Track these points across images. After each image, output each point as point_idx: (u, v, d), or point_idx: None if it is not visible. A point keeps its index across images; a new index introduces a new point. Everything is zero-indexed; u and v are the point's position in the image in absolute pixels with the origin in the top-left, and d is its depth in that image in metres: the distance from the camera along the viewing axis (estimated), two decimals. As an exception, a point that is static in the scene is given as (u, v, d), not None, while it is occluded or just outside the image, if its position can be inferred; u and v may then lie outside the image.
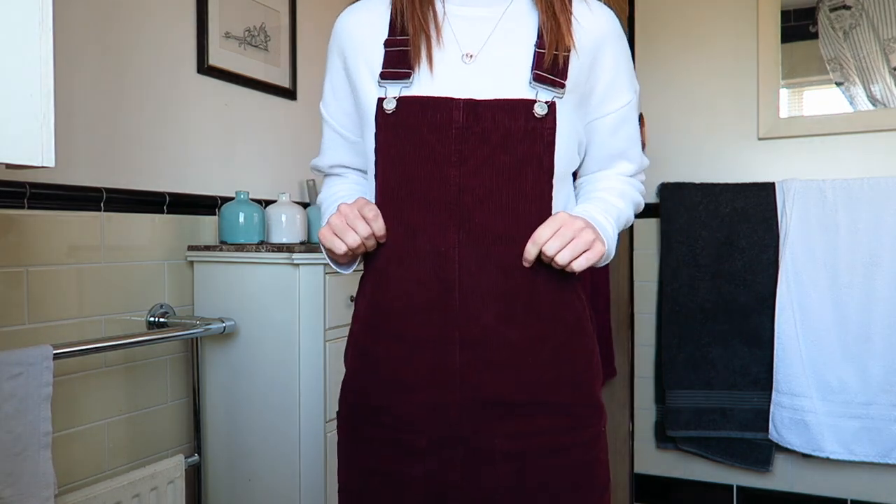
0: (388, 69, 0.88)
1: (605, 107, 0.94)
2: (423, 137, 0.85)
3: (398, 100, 0.86)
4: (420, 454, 0.88)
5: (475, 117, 0.84)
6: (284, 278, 1.56)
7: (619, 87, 0.94)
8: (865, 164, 2.13)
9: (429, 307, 0.86)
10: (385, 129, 0.87)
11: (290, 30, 2.06)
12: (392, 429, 0.90)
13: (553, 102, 0.85)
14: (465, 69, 0.87)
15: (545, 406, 0.88)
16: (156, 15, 1.65)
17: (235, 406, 1.64)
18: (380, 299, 0.90)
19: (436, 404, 0.87)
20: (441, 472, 0.88)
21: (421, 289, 0.86)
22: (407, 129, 0.86)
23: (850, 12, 2.14)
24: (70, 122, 1.45)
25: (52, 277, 1.41)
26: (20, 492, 1.15)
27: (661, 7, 2.35)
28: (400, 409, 0.89)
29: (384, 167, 0.88)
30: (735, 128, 2.28)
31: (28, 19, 0.63)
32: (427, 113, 0.85)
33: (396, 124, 0.86)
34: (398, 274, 0.88)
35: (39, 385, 1.19)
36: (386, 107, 0.87)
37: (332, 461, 1.58)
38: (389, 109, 0.86)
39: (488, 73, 0.87)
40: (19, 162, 0.63)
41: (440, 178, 0.85)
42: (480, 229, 0.84)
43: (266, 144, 2.00)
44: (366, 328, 0.93)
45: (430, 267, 0.86)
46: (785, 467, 2.22)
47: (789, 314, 2.09)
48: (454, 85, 0.86)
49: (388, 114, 0.86)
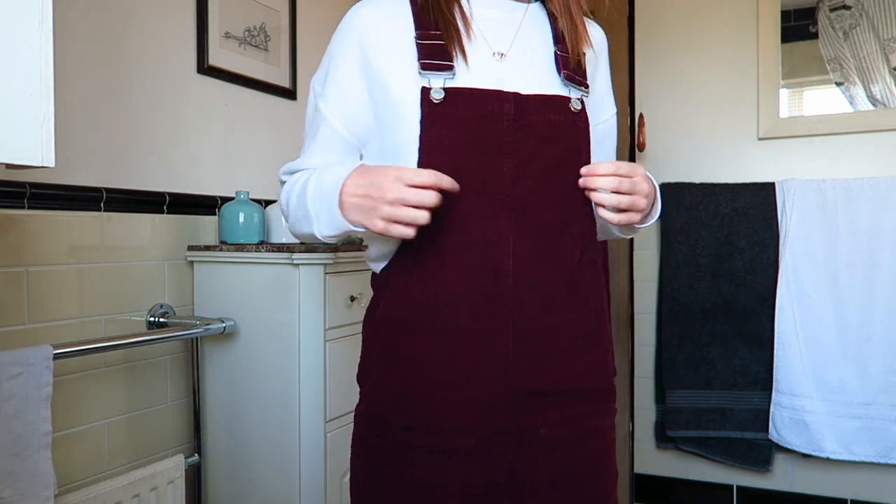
0: (429, 60, 0.86)
1: (598, 116, 0.98)
2: (474, 128, 0.85)
3: (445, 90, 0.85)
4: (467, 455, 0.86)
5: (523, 110, 0.86)
6: (284, 278, 1.56)
7: (609, 99, 1.02)
8: (865, 164, 2.13)
9: (481, 299, 0.85)
10: (432, 119, 0.85)
11: (290, 30, 2.06)
12: (436, 433, 0.86)
13: (582, 100, 0.90)
14: (498, 66, 0.89)
15: (578, 393, 0.91)
16: (156, 15, 1.65)
17: (235, 406, 1.64)
18: (419, 294, 0.86)
19: (485, 400, 0.86)
20: (491, 471, 0.87)
21: (470, 280, 0.85)
22: (457, 119, 0.85)
23: (850, 12, 2.14)
24: (70, 122, 1.45)
25: (52, 277, 1.41)
26: (20, 492, 1.15)
27: (660, 7, 2.35)
28: (445, 411, 0.86)
29: (430, 157, 0.84)
30: (735, 128, 2.28)
31: (28, 19, 0.63)
32: (477, 104, 0.85)
33: (445, 114, 0.85)
34: (444, 265, 0.85)
35: (39, 385, 1.19)
36: (434, 97, 0.84)
37: (332, 461, 1.58)
38: (437, 99, 0.84)
39: (522, 71, 0.90)
40: (19, 162, 0.63)
41: (493, 168, 0.85)
42: (532, 219, 0.86)
43: (266, 144, 2.00)
44: (397, 328, 0.88)
45: (482, 257, 0.85)
46: (785, 467, 2.22)
47: (789, 314, 2.09)
48: (491, 80, 0.87)
49: (436, 104, 0.84)
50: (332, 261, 1.54)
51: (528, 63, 0.91)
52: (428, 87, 0.85)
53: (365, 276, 1.67)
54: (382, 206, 0.79)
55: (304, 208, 0.90)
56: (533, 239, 0.86)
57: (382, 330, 0.91)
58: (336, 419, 1.59)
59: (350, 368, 1.63)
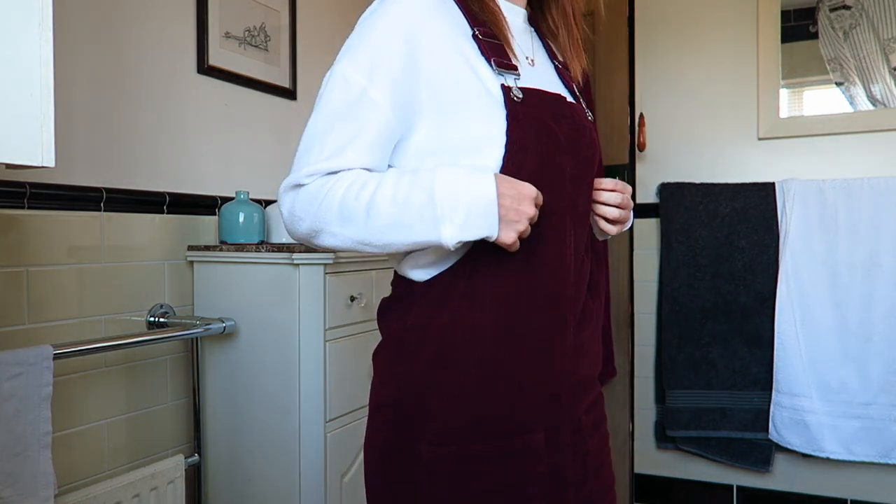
0: (500, 59, 0.86)
1: None
2: (547, 128, 0.87)
3: (523, 90, 0.85)
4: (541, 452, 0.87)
5: (573, 113, 0.92)
6: (284, 278, 1.56)
7: None
8: (865, 164, 2.13)
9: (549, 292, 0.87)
10: (516, 117, 0.83)
11: (290, 30, 2.06)
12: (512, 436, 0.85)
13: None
14: (533, 71, 0.93)
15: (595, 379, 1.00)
16: (156, 15, 1.65)
17: (235, 406, 1.64)
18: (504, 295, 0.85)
19: (552, 395, 0.89)
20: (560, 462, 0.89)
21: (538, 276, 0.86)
22: (535, 118, 0.85)
23: (850, 12, 2.14)
24: (70, 122, 1.45)
25: (52, 277, 1.41)
26: (20, 492, 1.15)
27: (660, 7, 2.35)
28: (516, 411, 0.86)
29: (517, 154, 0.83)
30: (735, 128, 2.28)
31: (28, 19, 0.63)
32: (550, 105, 0.89)
33: (526, 114, 0.85)
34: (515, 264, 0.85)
35: (39, 385, 1.19)
36: (515, 95, 0.84)
37: (332, 461, 1.58)
38: (518, 98, 0.84)
39: (549, 79, 0.95)
40: (19, 162, 0.63)
41: (560, 168, 0.89)
42: (579, 217, 0.93)
43: (266, 144, 2.00)
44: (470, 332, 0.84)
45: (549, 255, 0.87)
46: (785, 467, 2.22)
47: (789, 314, 2.09)
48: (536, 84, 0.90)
49: (518, 102, 0.84)
50: (332, 261, 1.54)
51: (549, 71, 0.97)
52: (508, 85, 0.84)
53: (365, 277, 1.67)
54: (524, 221, 0.80)
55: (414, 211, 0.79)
56: (580, 234, 0.93)
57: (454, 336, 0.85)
58: (336, 419, 1.59)
59: (350, 368, 1.63)
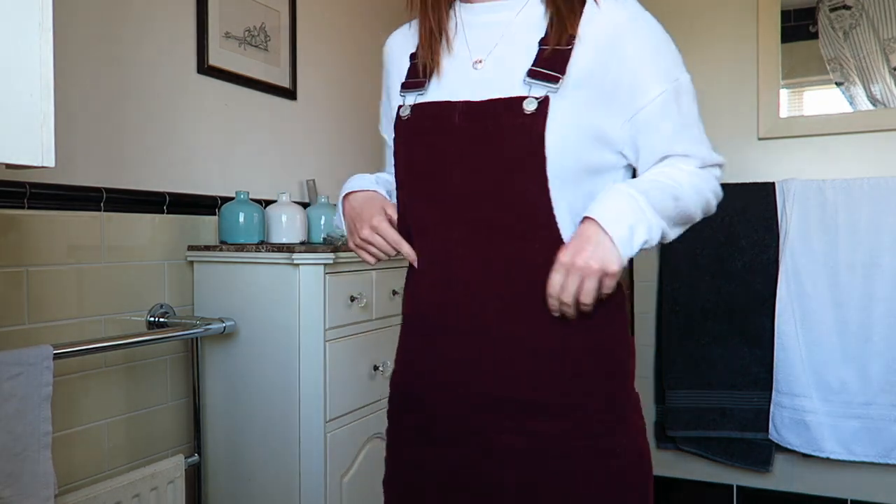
0: (408, 80, 0.97)
1: (637, 101, 0.89)
2: (428, 140, 0.91)
3: (412, 107, 0.93)
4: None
5: (471, 118, 0.87)
6: (284, 278, 1.56)
7: (648, 79, 0.89)
8: (865, 164, 2.13)
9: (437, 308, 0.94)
10: (399, 134, 0.94)
11: (290, 30, 2.06)
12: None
13: (546, 97, 0.84)
14: (473, 74, 0.92)
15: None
16: (156, 15, 1.65)
17: (235, 406, 1.64)
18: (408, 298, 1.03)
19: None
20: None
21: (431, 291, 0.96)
22: (417, 132, 0.92)
23: (850, 12, 2.14)
24: (70, 122, 1.45)
25: (52, 277, 1.41)
26: (20, 492, 1.15)
27: (660, 7, 2.35)
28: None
29: (398, 169, 0.95)
30: (735, 128, 2.28)
31: (28, 20, 0.63)
32: (432, 117, 0.91)
33: (409, 129, 0.93)
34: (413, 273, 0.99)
35: (39, 385, 1.19)
36: (402, 114, 0.94)
37: (332, 461, 1.58)
38: (405, 116, 0.94)
39: (490, 76, 0.90)
40: (19, 162, 0.63)
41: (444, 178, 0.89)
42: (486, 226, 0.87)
43: (266, 144, 2.00)
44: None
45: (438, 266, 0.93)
46: (785, 467, 2.22)
47: (789, 314, 2.09)
48: (462, 90, 0.90)
49: (404, 120, 0.94)
50: (332, 261, 1.54)
51: (500, 65, 0.90)
52: (402, 104, 0.95)
53: (365, 276, 1.67)
54: (355, 236, 0.98)
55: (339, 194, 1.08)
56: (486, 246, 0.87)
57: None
58: (336, 419, 1.59)
59: (350, 368, 1.63)
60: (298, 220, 1.80)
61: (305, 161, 2.13)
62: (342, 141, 2.32)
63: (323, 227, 1.89)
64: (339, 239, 1.75)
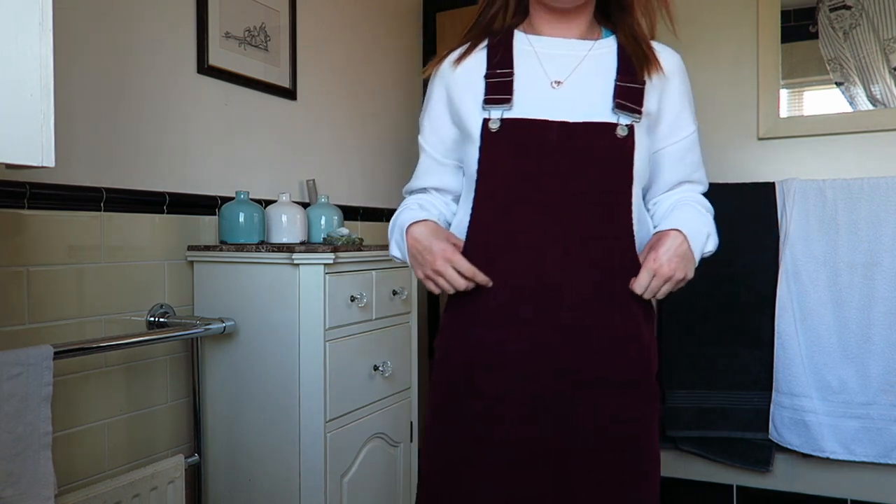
0: (491, 96, 1.05)
1: (674, 136, 1.10)
2: (528, 151, 1.01)
3: (502, 120, 1.02)
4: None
5: (568, 136, 1.00)
6: (284, 278, 1.56)
7: (685, 119, 1.11)
8: (865, 164, 2.13)
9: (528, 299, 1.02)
10: (489, 145, 1.03)
11: (290, 30, 2.06)
12: None
13: (632, 125, 1.02)
14: (554, 93, 1.04)
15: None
16: (156, 15, 1.65)
17: (235, 406, 1.64)
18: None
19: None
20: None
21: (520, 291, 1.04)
22: (511, 145, 1.02)
23: (850, 12, 2.14)
24: (70, 122, 1.45)
25: (52, 277, 1.41)
26: (20, 492, 1.15)
27: (661, 7, 2.35)
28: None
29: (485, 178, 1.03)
30: (735, 128, 2.28)
31: (28, 19, 0.63)
32: (527, 131, 1.01)
33: (500, 141, 1.02)
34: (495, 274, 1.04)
35: (39, 385, 1.19)
36: (492, 126, 1.02)
37: (332, 461, 1.58)
38: (494, 129, 1.02)
39: (576, 98, 1.03)
40: (19, 162, 0.63)
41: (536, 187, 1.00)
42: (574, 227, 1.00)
43: (266, 144, 2.00)
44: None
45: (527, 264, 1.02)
46: (785, 467, 2.22)
47: (789, 314, 2.09)
48: (546, 108, 1.02)
49: (494, 132, 1.02)
50: (332, 261, 1.54)
51: (583, 92, 1.04)
52: (488, 118, 1.03)
53: (365, 276, 1.67)
54: (427, 269, 1.04)
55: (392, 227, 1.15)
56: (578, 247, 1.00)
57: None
58: (336, 419, 1.59)
59: (350, 368, 1.64)
60: (298, 220, 1.80)
61: (305, 161, 2.13)
62: (342, 141, 2.32)
63: (323, 227, 1.89)
64: (339, 239, 1.75)
